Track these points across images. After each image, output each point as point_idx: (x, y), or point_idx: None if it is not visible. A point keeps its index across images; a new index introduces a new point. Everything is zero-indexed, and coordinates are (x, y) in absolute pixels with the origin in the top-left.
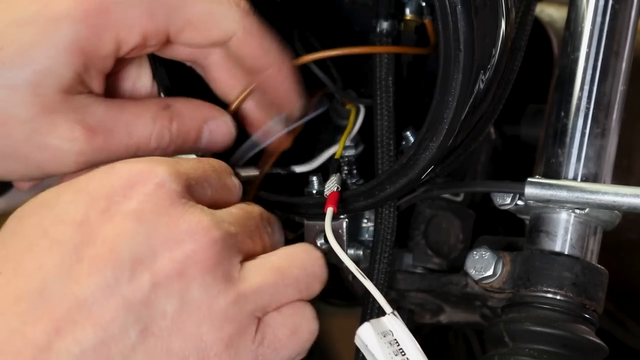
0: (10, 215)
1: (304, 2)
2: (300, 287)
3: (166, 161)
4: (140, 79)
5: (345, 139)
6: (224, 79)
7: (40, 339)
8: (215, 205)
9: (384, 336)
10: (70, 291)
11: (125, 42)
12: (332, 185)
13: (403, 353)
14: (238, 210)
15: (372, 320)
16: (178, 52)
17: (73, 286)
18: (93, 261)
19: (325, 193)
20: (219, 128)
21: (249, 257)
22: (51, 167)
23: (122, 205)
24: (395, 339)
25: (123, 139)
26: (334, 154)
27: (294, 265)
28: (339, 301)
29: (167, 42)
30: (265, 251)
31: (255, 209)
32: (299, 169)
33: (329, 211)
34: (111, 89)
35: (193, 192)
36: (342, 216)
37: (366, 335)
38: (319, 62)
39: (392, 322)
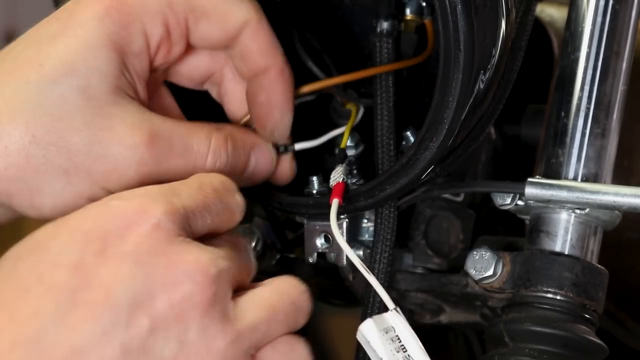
0: (3, 256)
1: (304, 2)
2: (289, 322)
3: (163, 195)
4: (172, 109)
5: (350, 129)
6: (238, 93)
7: None
8: (216, 230)
9: (386, 332)
10: (66, 339)
11: (151, 33)
12: (337, 176)
13: (405, 349)
14: (227, 243)
15: (375, 317)
16: (199, 65)
17: (69, 333)
18: (89, 307)
19: (330, 184)
20: (263, 157)
21: (238, 289)
22: (113, 180)
23: (118, 247)
24: (397, 336)
25: (181, 152)
26: (336, 140)
27: (284, 301)
28: (338, 301)
29: (188, 46)
30: (248, 280)
31: (239, 239)
32: (298, 145)
33: (335, 203)
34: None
35: (192, 225)
36: (342, 216)
37: (368, 331)
38: (318, 63)
39: (395, 319)
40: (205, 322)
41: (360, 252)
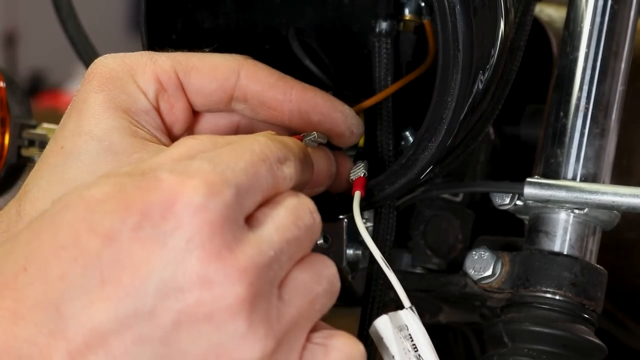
0: (61, 196)
1: (303, 2)
2: (323, 312)
3: (216, 172)
4: None
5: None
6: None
7: (54, 356)
8: (264, 202)
9: (400, 330)
10: (86, 313)
11: (146, 89)
12: (358, 170)
13: (416, 349)
14: (287, 218)
15: (390, 313)
16: (218, 124)
17: (90, 309)
18: (115, 286)
19: (350, 178)
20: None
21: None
22: None
23: (156, 227)
24: (409, 334)
25: None
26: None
27: (323, 288)
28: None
29: (195, 111)
30: (309, 248)
31: (303, 207)
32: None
33: (357, 195)
34: None
35: (242, 204)
36: (341, 216)
37: (383, 327)
38: (318, 63)
39: (409, 317)
40: (240, 329)
41: (360, 252)
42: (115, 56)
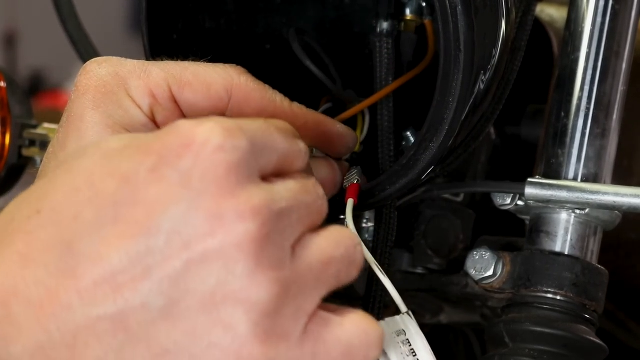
0: (84, 145)
1: (304, 2)
2: (340, 276)
3: (231, 121)
4: None
5: (360, 134)
6: None
7: (62, 296)
8: (280, 171)
9: (397, 335)
10: (98, 251)
11: (141, 103)
12: (352, 177)
13: (414, 354)
14: (296, 184)
15: (387, 319)
16: None
17: (102, 247)
18: (128, 225)
19: (344, 185)
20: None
21: (300, 237)
22: None
23: (171, 166)
24: (407, 339)
25: None
26: None
27: (340, 253)
28: (338, 301)
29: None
30: (319, 223)
31: (308, 179)
32: None
33: (350, 202)
34: None
35: (258, 158)
36: (341, 216)
37: None
38: (319, 63)
39: (407, 322)
40: (249, 267)
41: None
42: (107, 64)
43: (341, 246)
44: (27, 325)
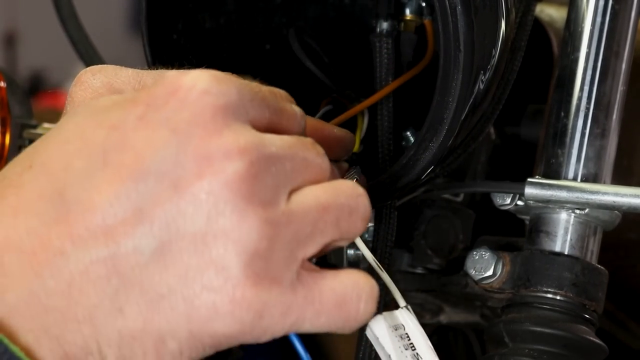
0: (83, 104)
1: (304, 2)
2: (341, 225)
3: (220, 74)
4: None
5: (360, 134)
6: None
7: (55, 243)
8: (275, 129)
9: (395, 329)
10: (89, 197)
11: None
12: (350, 177)
13: (413, 348)
14: (291, 138)
15: (385, 313)
16: None
17: (93, 193)
18: (117, 169)
19: None
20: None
21: (297, 188)
22: None
23: (159, 112)
24: (406, 333)
25: None
26: None
27: (338, 199)
28: None
29: None
30: (322, 180)
31: (309, 141)
32: None
33: None
34: None
35: (247, 107)
36: None
37: (378, 327)
38: (319, 63)
39: (405, 316)
40: (239, 207)
41: (360, 253)
42: (101, 75)
43: (340, 194)
44: (20, 274)
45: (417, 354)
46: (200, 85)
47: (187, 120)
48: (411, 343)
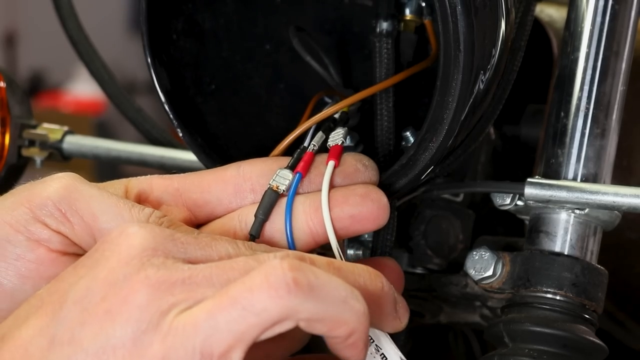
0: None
1: (304, 2)
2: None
3: (158, 229)
4: None
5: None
6: None
7: None
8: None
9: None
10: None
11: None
12: (337, 137)
13: (379, 349)
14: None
15: None
16: None
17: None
18: (41, 307)
19: (328, 144)
20: None
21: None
22: None
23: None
24: (376, 345)
25: None
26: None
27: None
28: None
29: None
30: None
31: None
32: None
33: (330, 165)
34: None
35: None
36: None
37: None
38: (318, 62)
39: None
40: (135, 325)
41: (360, 253)
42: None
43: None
44: None
45: (383, 354)
46: (132, 236)
47: (107, 258)
48: (383, 355)
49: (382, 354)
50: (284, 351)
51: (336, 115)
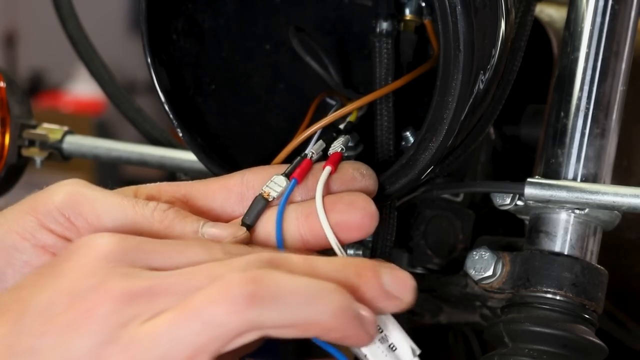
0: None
1: (304, 2)
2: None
3: (128, 239)
4: None
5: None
6: None
7: None
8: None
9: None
10: None
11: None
12: (337, 145)
13: (394, 348)
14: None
15: None
16: None
17: None
18: (3, 314)
19: (328, 152)
20: None
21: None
22: None
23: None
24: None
25: None
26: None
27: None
28: None
29: None
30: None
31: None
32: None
33: (326, 170)
34: None
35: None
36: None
37: None
38: (318, 62)
39: (383, 318)
40: (97, 337)
41: (360, 253)
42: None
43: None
44: None
45: (392, 344)
46: (98, 242)
47: (70, 268)
48: (391, 344)
49: (392, 343)
50: (254, 346)
51: (341, 126)
